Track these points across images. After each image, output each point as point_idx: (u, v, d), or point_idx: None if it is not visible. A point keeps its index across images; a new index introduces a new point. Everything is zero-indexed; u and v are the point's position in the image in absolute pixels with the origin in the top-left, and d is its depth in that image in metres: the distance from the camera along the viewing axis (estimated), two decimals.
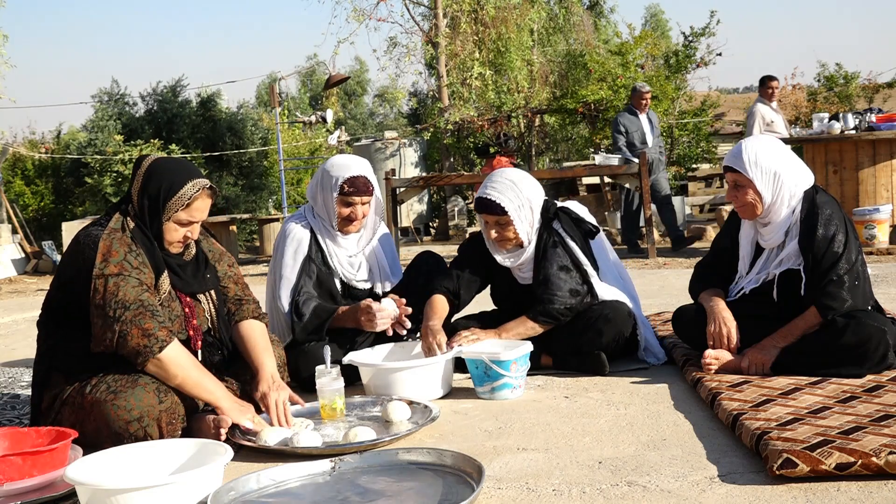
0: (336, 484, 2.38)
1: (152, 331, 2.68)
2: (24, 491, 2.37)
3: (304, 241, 3.66)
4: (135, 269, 2.75)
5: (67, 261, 2.85)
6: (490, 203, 3.54)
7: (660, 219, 9.64)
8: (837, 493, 2.14)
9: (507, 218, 3.53)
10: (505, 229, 3.57)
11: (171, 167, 2.89)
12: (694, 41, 15.08)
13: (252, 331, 3.08)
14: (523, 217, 3.57)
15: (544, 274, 3.55)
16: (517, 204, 3.54)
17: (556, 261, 3.56)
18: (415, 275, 3.89)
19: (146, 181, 2.86)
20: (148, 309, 2.70)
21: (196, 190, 2.85)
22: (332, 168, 3.66)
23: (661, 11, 32.34)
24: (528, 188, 3.59)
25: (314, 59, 27.41)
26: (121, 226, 2.82)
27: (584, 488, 2.29)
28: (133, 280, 2.72)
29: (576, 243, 3.60)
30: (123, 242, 2.78)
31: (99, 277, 2.70)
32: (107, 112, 16.25)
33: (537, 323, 3.53)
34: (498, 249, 3.65)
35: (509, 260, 3.65)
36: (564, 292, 3.51)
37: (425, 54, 17.34)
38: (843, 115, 8.08)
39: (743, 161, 3.25)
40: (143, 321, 2.67)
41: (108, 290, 2.69)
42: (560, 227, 3.63)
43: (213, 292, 3.04)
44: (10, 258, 11.85)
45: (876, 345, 3.03)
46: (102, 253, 2.73)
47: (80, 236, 2.83)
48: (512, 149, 14.46)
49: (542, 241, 3.61)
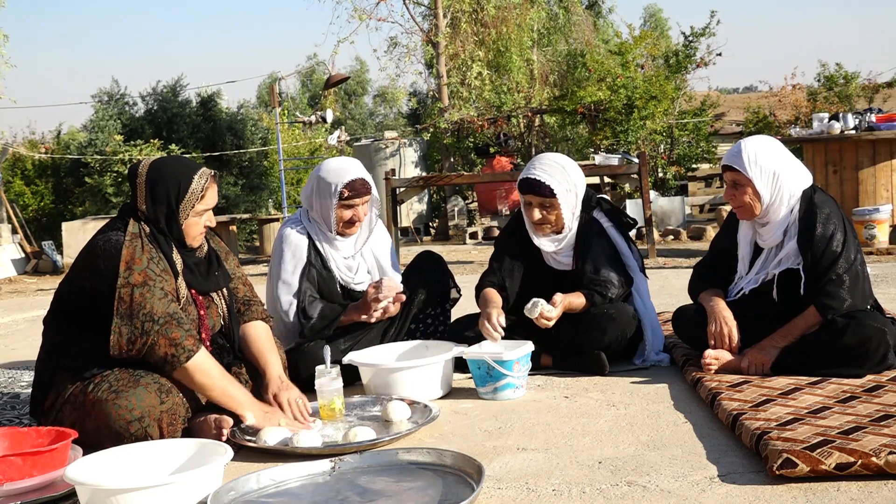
0: (336, 484, 2.38)
1: (179, 340, 2.70)
2: (24, 491, 2.37)
3: (303, 245, 3.64)
4: (158, 278, 2.76)
5: (85, 264, 2.82)
6: (538, 184, 3.51)
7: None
8: (837, 493, 2.14)
9: (555, 201, 3.52)
10: (549, 212, 3.56)
11: (170, 169, 2.88)
12: (694, 41, 15.08)
13: (258, 332, 3.10)
14: (568, 202, 3.56)
15: (595, 263, 3.55)
16: (565, 188, 3.53)
17: (604, 250, 3.57)
18: (415, 275, 3.89)
19: (151, 190, 2.84)
20: (174, 318, 2.72)
21: (205, 181, 2.87)
22: (327, 174, 3.61)
23: (659, 11, 32.39)
24: (575, 173, 3.58)
25: (314, 59, 27.42)
26: (139, 231, 2.82)
27: (584, 488, 2.29)
28: (158, 291, 2.73)
29: (619, 234, 3.62)
30: (145, 249, 2.78)
31: (124, 287, 2.70)
32: (107, 112, 16.25)
33: (590, 303, 3.52)
34: (537, 232, 3.63)
35: (550, 245, 3.63)
36: (616, 284, 3.54)
37: (425, 54, 17.35)
38: (843, 115, 8.07)
39: (742, 160, 3.25)
40: (170, 331, 2.70)
41: (135, 300, 2.70)
42: (603, 216, 3.64)
43: (224, 290, 3.05)
44: (10, 258, 11.85)
45: (876, 345, 3.03)
46: (126, 261, 2.73)
47: (98, 241, 2.81)
48: (512, 149, 14.49)
49: (583, 228, 3.61)
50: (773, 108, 17.89)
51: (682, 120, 14.78)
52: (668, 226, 11.24)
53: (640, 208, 9.54)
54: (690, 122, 14.79)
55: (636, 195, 11.79)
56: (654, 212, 10.86)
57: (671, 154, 14.53)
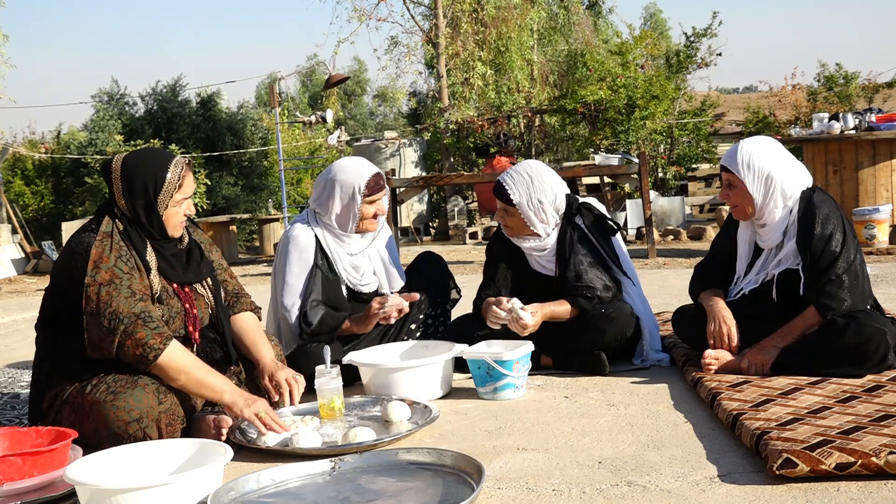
0: (336, 484, 2.38)
1: (144, 340, 2.67)
2: (24, 491, 2.37)
3: (310, 247, 3.62)
4: (126, 275, 2.73)
5: (60, 268, 2.84)
6: (500, 188, 3.65)
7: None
8: (837, 493, 2.14)
9: (514, 209, 3.61)
10: (510, 217, 3.65)
11: (145, 161, 2.85)
12: (696, 41, 15.09)
13: (247, 323, 3.13)
14: (532, 212, 3.60)
15: (576, 269, 3.59)
16: (525, 199, 3.59)
17: (586, 256, 3.61)
18: (415, 276, 3.89)
19: (128, 184, 2.82)
20: (140, 317, 2.69)
21: (180, 170, 2.85)
22: (346, 175, 3.61)
23: (658, 11, 32.41)
24: (544, 186, 3.61)
25: (314, 59, 27.42)
26: (111, 229, 2.80)
27: (584, 488, 2.29)
28: (125, 290, 2.71)
29: (598, 240, 3.64)
30: (114, 248, 2.76)
31: (91, 286, 2.69)
32: (107, 112, 16.26)
33: (576, 308, 3.56)
34: (509, 234, 3.72)
35: (527, 243, 3.69)
36: (599, 288, 3.56)
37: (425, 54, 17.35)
38: (843, 115, 8.07)
39: (736, 162, 3.27)
40: (136, 331, 2.67)
41: (101, 299, 2.68)
42: (582, 223, 3.66)
43: (209, 280, 3.03)
44: (9, 258, 11.85)
45: (876, 345, 3.03)
46: (94, 260, 2.72)
47: (71, 243, 2.82)
48: (512, 149, 14.48)
49: (565, 235, 3.63)
50: (773, 108, 17.88)
51: (682, 120, 14.78)
52: (668, 226, 11.24)
53: (640, 208, 9.55)
54: (690, 122, 14.79)
55: (636, 195, 11.80)
56: (654, 212, 10.87)
57: (671, 154, 14.53)
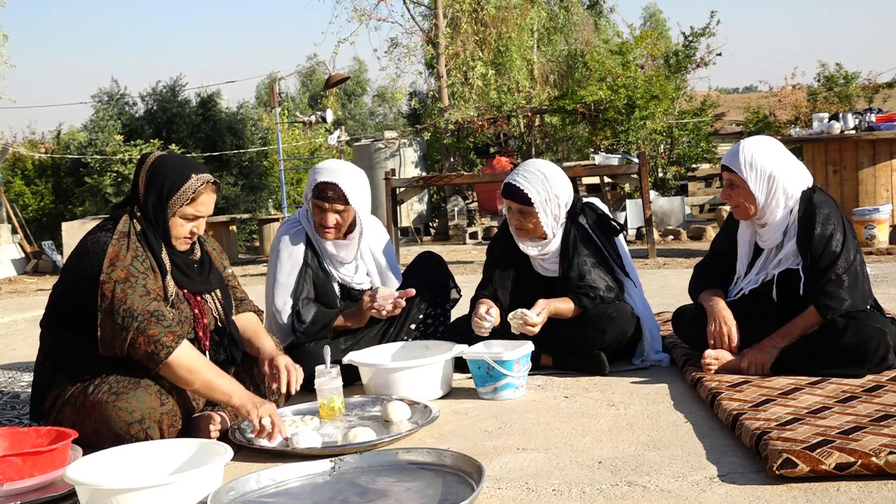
0: (336, 484, 2.38)
1: (157, 336, 2.68)
2: (24, 491, 2.37)
3: (300, 245, 3.62)
4: (141, 275, 2.74)
5: (74, 266, 2.83)
6: (516, 190, 3.56)
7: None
8: (837, 493, 2.14)
9: (532, 209, 3.55)
10: (527, 219, 3.59)
11: (174, 163, 2.89)
12: (694, 41, 15.08)
13: (248, 319, 3.17)
14: (548, 211, 3.58)
15: (580, 269, 3.58)
16: (544, 198, 3.55)
17: (589, 257, 3.60)
18: (415, 276, 3.88)
19: (150, 178, 2.85)
20: (154, 315, 2.70)
21: (200, 184, 2.84)
22: (317, 170, 3.58)
23: (659, 11, 32.40)
24: (558, 183, 3.59)
25: (314, 59, 27.43)
26: (128, 229, 2.81)
27: (584, 488, 2.29)
28: (140, 288, 2.72)
29: (602, 241, 3.64)
30: (131, 248, 2.77)
31: (106, 283, 2.70)
32: (107, 112, 16.25)
33: (578, 306, 3.55)
34: (521, 237, 3.66)
35: (534, 249, 3.65)
36: (602, 288, 3.56)
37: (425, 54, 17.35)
38: (843, 115, 8.07)
39: (738, 161, 3.27)
40: (149, 328, 2.68)
41: (116, 296, 2.69)
42: (586, 223, 3.65)
43: (218, 291, 3.04)
44: (9, 258, 11.85)
45: (876, 345, 3.03)
46: (110, 258, 2.73)
47: (87, 242, 2.81)
48: (512, 149, 14.49)
49: (569, 235, 3.62)
50: (773, 108, 17.88)
51: (682, 120, 14.78)
52: (668, 226, 11.24)
53: (640, 208, 9.55)
54: (690, 122, 14.79)
55: (636, 195, 11.79)
56: (654, 212, 10.87)
57: (671, 154, 14.53)
